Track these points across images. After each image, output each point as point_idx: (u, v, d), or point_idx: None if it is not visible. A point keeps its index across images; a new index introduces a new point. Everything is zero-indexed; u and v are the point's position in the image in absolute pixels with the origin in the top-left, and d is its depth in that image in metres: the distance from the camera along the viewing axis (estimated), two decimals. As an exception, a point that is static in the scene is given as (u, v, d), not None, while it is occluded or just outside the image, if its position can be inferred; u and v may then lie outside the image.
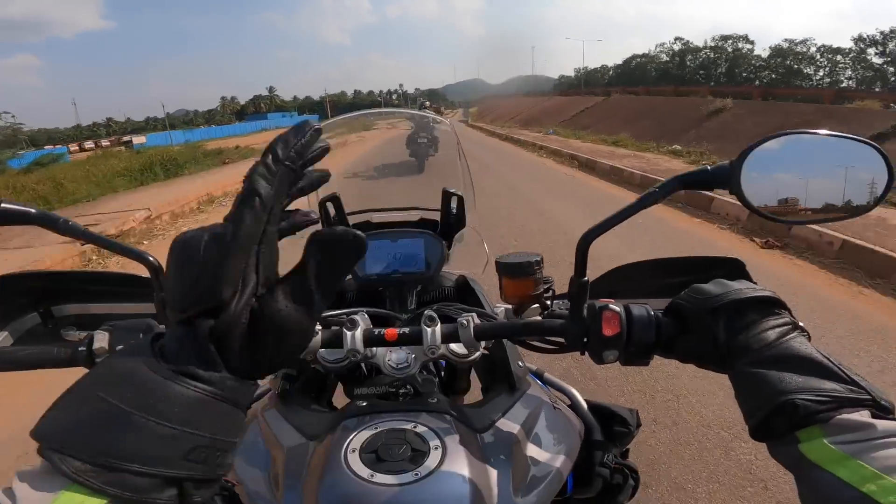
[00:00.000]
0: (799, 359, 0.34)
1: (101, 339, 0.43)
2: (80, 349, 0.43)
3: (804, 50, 36.77)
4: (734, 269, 0.55)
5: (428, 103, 11.63)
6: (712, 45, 44.37)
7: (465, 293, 0.72)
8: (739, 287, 0.40)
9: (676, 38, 51.82)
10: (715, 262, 0.57)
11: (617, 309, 0.42)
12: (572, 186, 6.06)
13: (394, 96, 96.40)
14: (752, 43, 42.69)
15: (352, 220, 0.72)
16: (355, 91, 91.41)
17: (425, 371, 0.57)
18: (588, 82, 46.34)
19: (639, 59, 52.37)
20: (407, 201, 0.78)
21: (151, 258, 0.44)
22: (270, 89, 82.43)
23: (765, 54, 39.74)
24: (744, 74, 36.61)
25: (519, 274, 0.53)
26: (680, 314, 0.42)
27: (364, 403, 0.48)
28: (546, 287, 0.55)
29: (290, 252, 0.28)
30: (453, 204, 0.70)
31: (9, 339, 0.56)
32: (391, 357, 0.53)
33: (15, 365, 0.45)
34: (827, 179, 0.44)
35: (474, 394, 0.64)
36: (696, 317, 0.40)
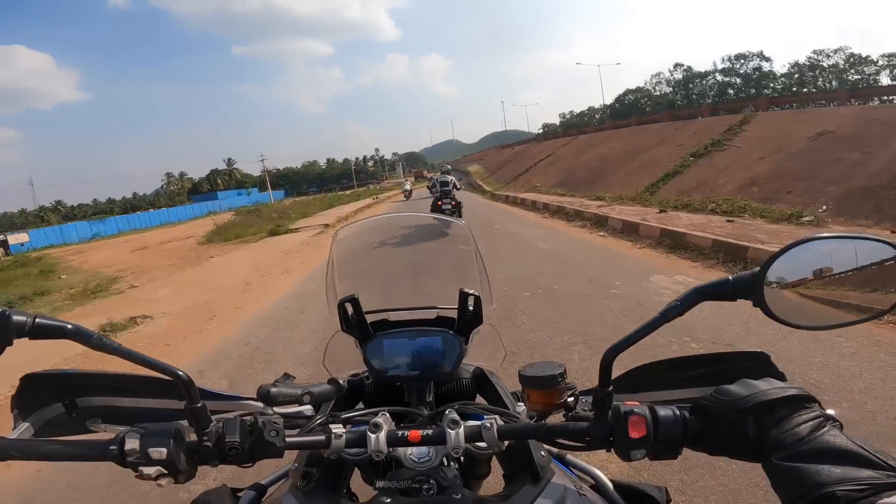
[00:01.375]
0: (834, 451, 0.41)
1: (133, 441, 0.50)
2: (111, 448, 0.50)
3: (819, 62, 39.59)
4: (759, 362, 0.64)
5: (449, 167, 13.83)
6: (724, 66, 46.23)
7: (482, 385, 0.81)
8: (766, 388, 0.47)
9: (676, 65, 54.49)
10: (737, 356, 0.66)
11: (643, 413, 0.50)
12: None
13: (369, 162, 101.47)
14: (768, 60, 44.70)
15: (370, 318, 0.82)
16: (328, 160, 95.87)
17: (446, 460, 0.64)
18: (578, 125, 47.91)
19: (631, 96, 54.35)
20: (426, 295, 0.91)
21: (181, 373, 0.51)
22: (229, 162, 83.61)
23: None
24: (765, 93, 37.03)
25: (543, 386, 0.61)
26: (706, 413, 0.49)
27: (388, 500, 0.54)
28: (570, 392, 0.63)
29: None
30: (470, 303, 0.80)
31: (30, 430, 0.63)
32: (413, 451, 0.61)
33: (45, 455, 0.51)
34: (849, 281, 0.51)
35: (494, 477, 0.72)
36: (724, 416, 0.48)
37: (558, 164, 21.78)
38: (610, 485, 0.67)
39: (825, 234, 0.51)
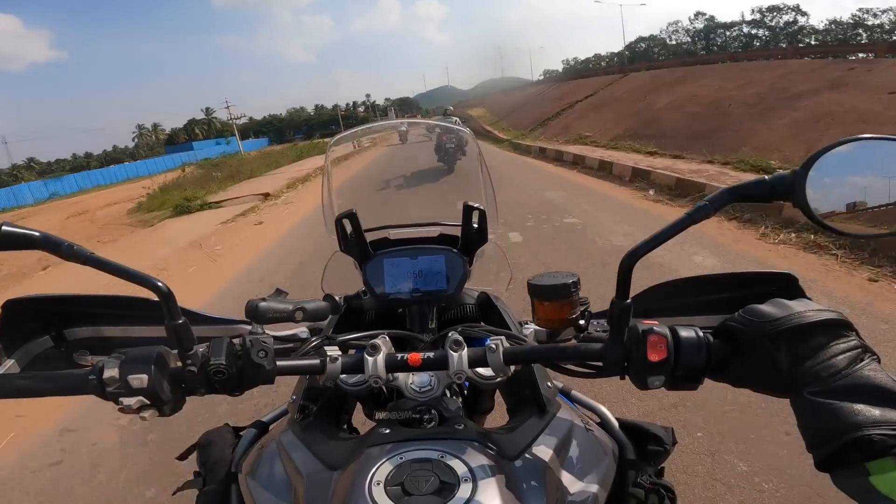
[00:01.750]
0: (872, 388, 0.38)
1: (112, 368, 0.48)
2: (90, 377, 0.49)
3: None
4: (786, 284, 0.62)
5: (451, 108, 13.02)
6: (753, 18, 44.71)
7: (487, 311, 0.81)
8: (802, 309, 0.44)
9: (697, 14, 52.24)
10: (765, 277, 0.64)
11: (663, 332, 0.47)
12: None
13: (360, 108, 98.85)
14: (804, 14, 43.20)
15: (369, 237, 0.81)
16: (316, 106, 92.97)
17: (448, 392, 0.64)
18: (583, 72, 46.82)
19: (643, 44, 52.91)
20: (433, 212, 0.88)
21: (160, 284, 0.49)
22: (207, 111, 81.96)
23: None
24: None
25: (554, 297, 0.59)
26: (733, 336, 0.47)
27: (387, 430, 0.53)
28: (582, 309, 0.61)
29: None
30: (474, 218, 0.77)
31: (16, 367, 0.63)
32: (414, 380, 0.61)
33: (21, 392, 0.50)
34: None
35: (499, 412, 0.72)
36: (752, 341, 0.45)
37: (612, 107, 15.96)
38: (615, 422, 0.67)
39: (873, 136, 0.47)
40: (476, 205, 0.77)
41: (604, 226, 4.67)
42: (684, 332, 0.47)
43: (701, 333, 0.47)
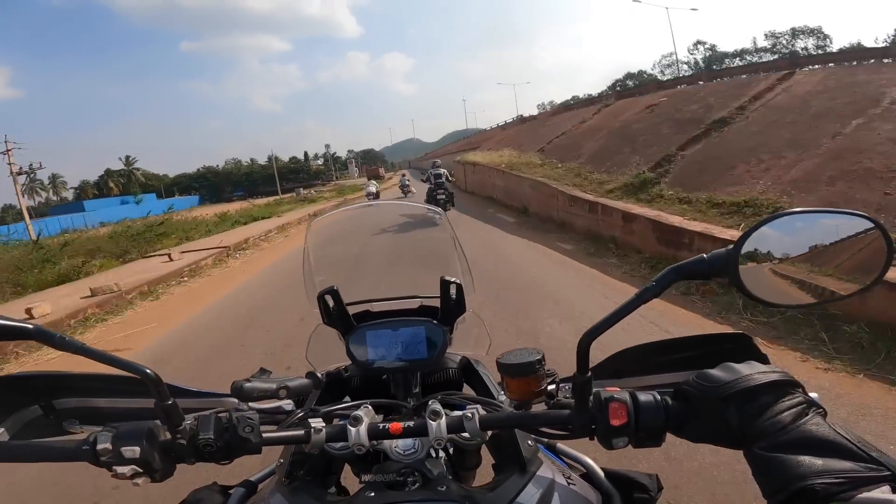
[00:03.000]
0: (816, 441, 0.49)
1: (105, 440, 0.60)
2: (83, 447, 0.60)
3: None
4: (741, 345, 0.77)
5: (439, 161, 15.80)
6: (765, 45, 44.71)
7: (469, 374, 0.98)
8: (749, 372, 0.56)
9: (697, 43, 51.72)
10: (720, 338, 0.80)
11: (623, 399, 0.61)
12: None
13: (319, 160, 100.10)
14: (827, 38, 43.87)
15: (351, 310, 0.96)
16: (269, 158, 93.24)
17: (433, 452, 0.76)
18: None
19: (631, 81, 52.18)
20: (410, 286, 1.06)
21: (149, 371, 0.62)
22: (127, 160, 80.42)
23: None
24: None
25: (521, 374, 0.73)
26: (688, 399, 0.59)
27: (372, 494, 0.65)
28: (550, 380, 0.76)
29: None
30: (452, 291, 0.94)
31: (6, 435, 0.74)
32: (398, 444, 0.74)
33: (19, 457, 0.61)
34: (825, 258, 0.62)
35: (486, 468, 0.85)
36: (705, 403, 0.57)
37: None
38: (601, 473, 0.80)
39: (800, 209, 0.62)
40: (452, 279, 0.94)
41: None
42: (643, 398, 0.60)
43: (659, 397, 0.60)
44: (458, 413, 0.67)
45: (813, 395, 0.57)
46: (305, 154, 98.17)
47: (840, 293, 0.62)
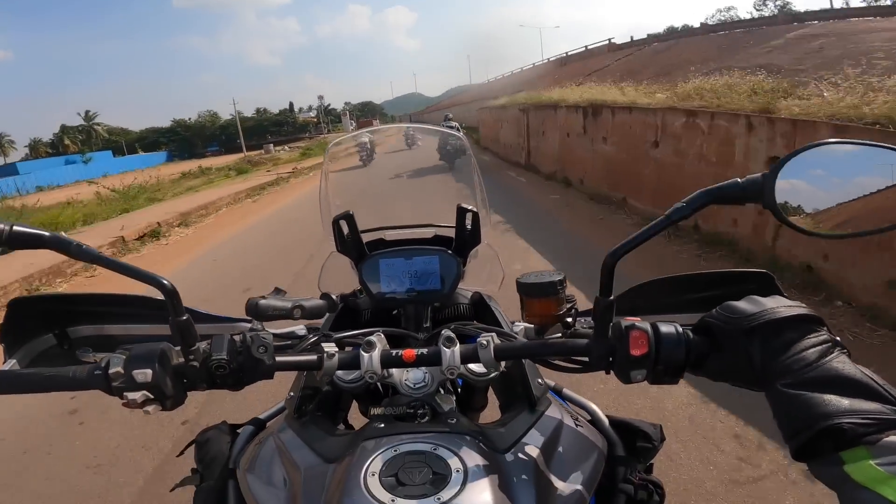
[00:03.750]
0: (842, 379, 0.51)
1: (117, 364, 0.64)
2: (95, 372, 0.64)
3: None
4: (763, 282, 0.83)
5: (451, 115, 17.67)
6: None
7: (481, 310, 1.05)
8: (774, 305, 0.59)
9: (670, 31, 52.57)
10: (742, 276, 0.86)
11: (644, 327, 0.65)
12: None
13: (311, 112, 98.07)
14: None
15: (365, 238, 1.04)
16: (258, 110, 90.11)
17: (442, 389, 0.82)
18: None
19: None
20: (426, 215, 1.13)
21: (166, 282, 0.65)
22: (87, 115, 78.56)
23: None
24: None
25: (542, 294, 0.79)
26: (711, 333, 0.63)
27: (382, 425, 0.71)
28: (569, 306, 0.81)
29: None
30: (468, 220, 1.01)
31: (17, 366, 0.80)
32: (408, 376, 0.80)
33: (29, 387, 0.65)
34: (865, 190, 0.64)
35: (491, 410, 0.94)
36: (729, 336, 0.60)
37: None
38: (605, 419, 0.87)
39: (842, 140, 0.66)
40: (469, 207, 1.00)
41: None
42: (665, 328, 0.64)
43: (680, 329, 0.64)
44: (472, 343, 0.72)
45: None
46: (291, 105, 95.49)
47: (877, 226, 0.65)
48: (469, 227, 1.03)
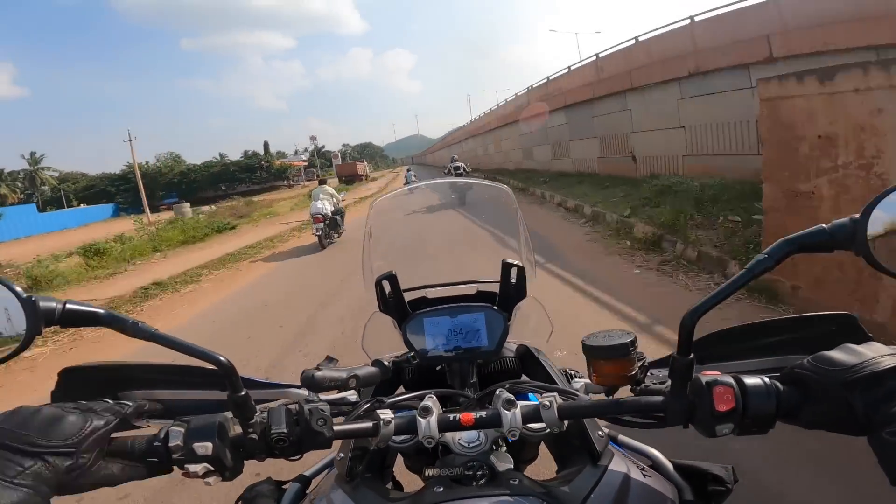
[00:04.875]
0: None
1: (176, 437, 0.73)
2: (155, 444, 0.73)
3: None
4: (846, 324, 0.87)
5: (456, 156, 19.05)
6: None
7: (528, 363, 1.13)
8: (874, 355, 0.65)
9: None
10: (821, 319, 0.90)
11: (728, 382, 0.71)
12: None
13: (303, 155, 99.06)
14: None
15: (408, 296, 1.13)
16: (246, 152, 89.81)
17: (494, 445, 0.88)
18: None
19: None
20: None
21: (223, 359, 0.74)
22: (32, 157, 78.06)
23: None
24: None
25: (612, 356, 0.84)
26: (803, 383, 0.69)
27: (441, 489, 0.77)
28: (640, 364, 0.86)
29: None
30: (513, 275, 1.10)
31: None
32: (462, 435, 0.87)
33: None
34: None
35: (542, 461, 1.02)
36: (825, 388, 0.66)
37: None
38: (670, 465, 0.93)
39: None
40: (514, 261, 1.09)
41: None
42: (750, 381, 0.70)
43: (768, 381, 0.70)
44: (531, 402, 0.79)
45: None
46: (265, 145, 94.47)
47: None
48: (514, 281, 1.11)
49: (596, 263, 8.12)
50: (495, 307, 1.11)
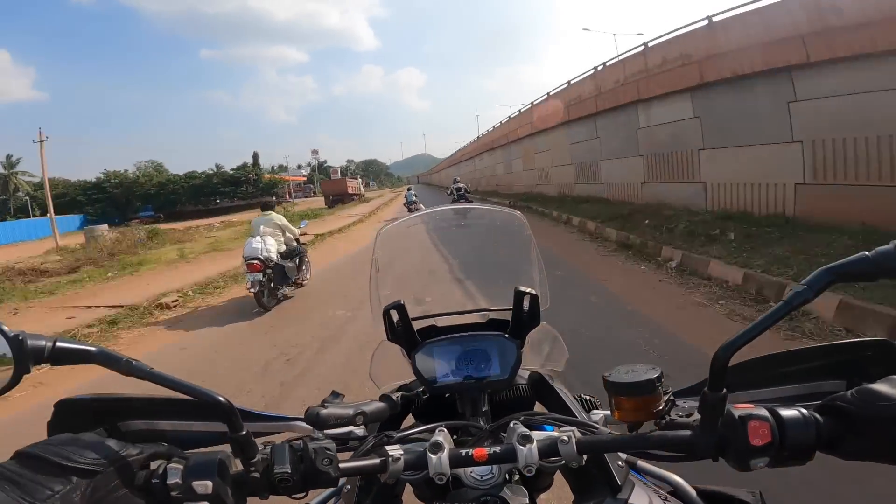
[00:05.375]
0: None
1: (175, 475, 0.74)
2: (153, 481, 0.75)
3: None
4: (883, 351, 0.89)
5: (458, 177, 20.49)
6: None
7: (541, 391, 1.16)
8: None
9: None
10: (858, 346, 0.92)
11: (763, 416, 0.72)
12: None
13: (302, 169, 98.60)
14: None
15: (416, 325, 1.16)
16: (246, 164, 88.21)
17: (508, 475, 0.90)
18: None
19: None
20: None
21: (222, 399, 0.76)
22: (8, 161, 78.23)
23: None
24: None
25: (637, 393, 0.84)
26: (845, 415, 0.71)
27: None
28: (666, 399, 0.86)
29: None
30: (525, 302, 1.13)
31: None
32: (474, 468, 0.88)
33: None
34: None
35: (558, 488, 1.02)
36: (870, 422, 0.68)
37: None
38: (692, 492, 0.95)
39: None
40: (528, 290, 1.12)
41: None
42: (787, 413, 0.72)
43: (807, 413, 0.72)
44: (548, 435, 0.81)
45: None
46: (255, 157, 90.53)
47: None
48: (527, 309, 1.14)
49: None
50: (507, 335, 1.14)
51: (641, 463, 1.02)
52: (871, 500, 2.86)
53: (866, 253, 0.70)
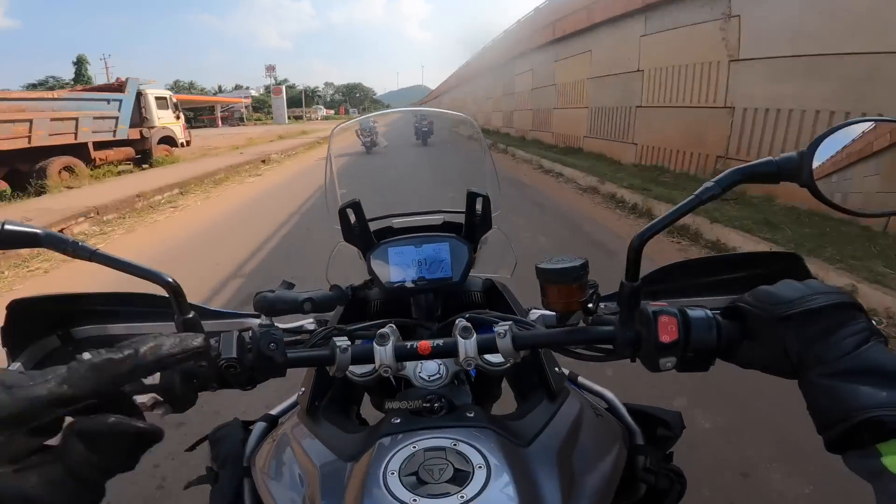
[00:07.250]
0: (879, 369, 0.58)
1: None
2: None
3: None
4: (791, 263, 0.96)
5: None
6: None
7: (493, 298, 1.21)
8: (811, 292, 0.68)
9: None
10: (770, 257, 1.00)
11: (673, 312, 0.75)
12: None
13: (251, 91, 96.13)
14: None
15: (373, 226, 1.19)
16: (220, 87, 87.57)
17: (457, 380, 0.96)
18: None
19: None
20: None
21: (170, 279, 0.79)
22: None
23: None
24: None
25: (563, 280, 0.87)
26: (743, 318, 0.74)
27: (398, 420, 0.84)
28: (591, 292, 0.90)
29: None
30: (478, 205, 1.17)
31: (27, 366, 0.93)
32: (422, 369, 0.95)
33: None
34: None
35: (505, 400, 1.10)
36: (763, 323, 0.70)
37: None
38: (623, 407, 1.02)
39: (876, 117, 0.77)
40: (480, 192, 1.15)
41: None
42: (694, 313, 0.74)
43: (710, 314, 0.75)
44: (489, 332, 0.84)
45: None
46: (79, 60, 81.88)
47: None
48: (480, 212, 1.19)
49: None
50: (460, 237, 1.17)
51: (582, 379, 1.10)
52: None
53: (772, 158, 0.74)
